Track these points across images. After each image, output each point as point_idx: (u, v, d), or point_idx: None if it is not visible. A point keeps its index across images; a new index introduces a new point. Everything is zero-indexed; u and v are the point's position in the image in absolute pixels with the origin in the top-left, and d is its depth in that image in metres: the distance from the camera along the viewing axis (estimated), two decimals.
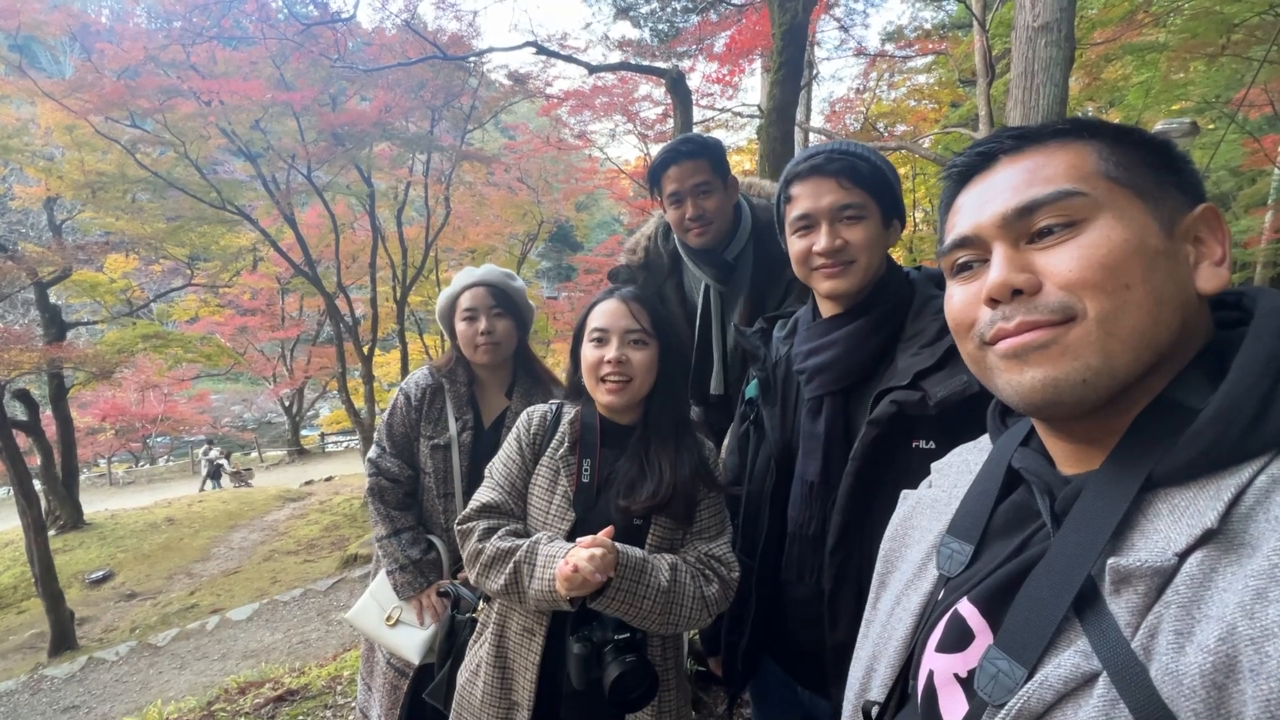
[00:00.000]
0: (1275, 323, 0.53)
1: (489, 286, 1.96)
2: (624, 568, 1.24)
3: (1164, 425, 0.54)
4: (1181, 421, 0.52)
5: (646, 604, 1.26)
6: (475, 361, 1.99)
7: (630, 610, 1.25)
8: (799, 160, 1.23)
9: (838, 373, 1.21)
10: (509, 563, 1.30)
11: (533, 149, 16.15)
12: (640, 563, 1.27)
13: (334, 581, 8.86)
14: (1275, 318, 0.54)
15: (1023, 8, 3.50)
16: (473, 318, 1.94)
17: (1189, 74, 8.83)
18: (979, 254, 0.62)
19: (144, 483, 20.85)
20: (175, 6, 10.93)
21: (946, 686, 0.62)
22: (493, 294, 1.96)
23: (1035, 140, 0.61)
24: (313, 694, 3.57)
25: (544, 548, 1.29)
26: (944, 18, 13.91)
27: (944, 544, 0.70)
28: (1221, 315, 0.59)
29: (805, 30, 4.74)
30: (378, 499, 1.97)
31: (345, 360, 14.33)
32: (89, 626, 9.21)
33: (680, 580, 1.30)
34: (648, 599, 1.26)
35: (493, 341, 1.94)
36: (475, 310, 1.94)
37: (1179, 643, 0.45)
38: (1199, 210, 0.58)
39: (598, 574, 1.17)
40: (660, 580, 1.28)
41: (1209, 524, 0.47)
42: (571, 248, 29.25)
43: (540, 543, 1.31)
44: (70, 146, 11.13)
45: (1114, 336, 0.54)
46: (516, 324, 2.00)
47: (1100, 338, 0.54)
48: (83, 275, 13.28)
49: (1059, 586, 0.53)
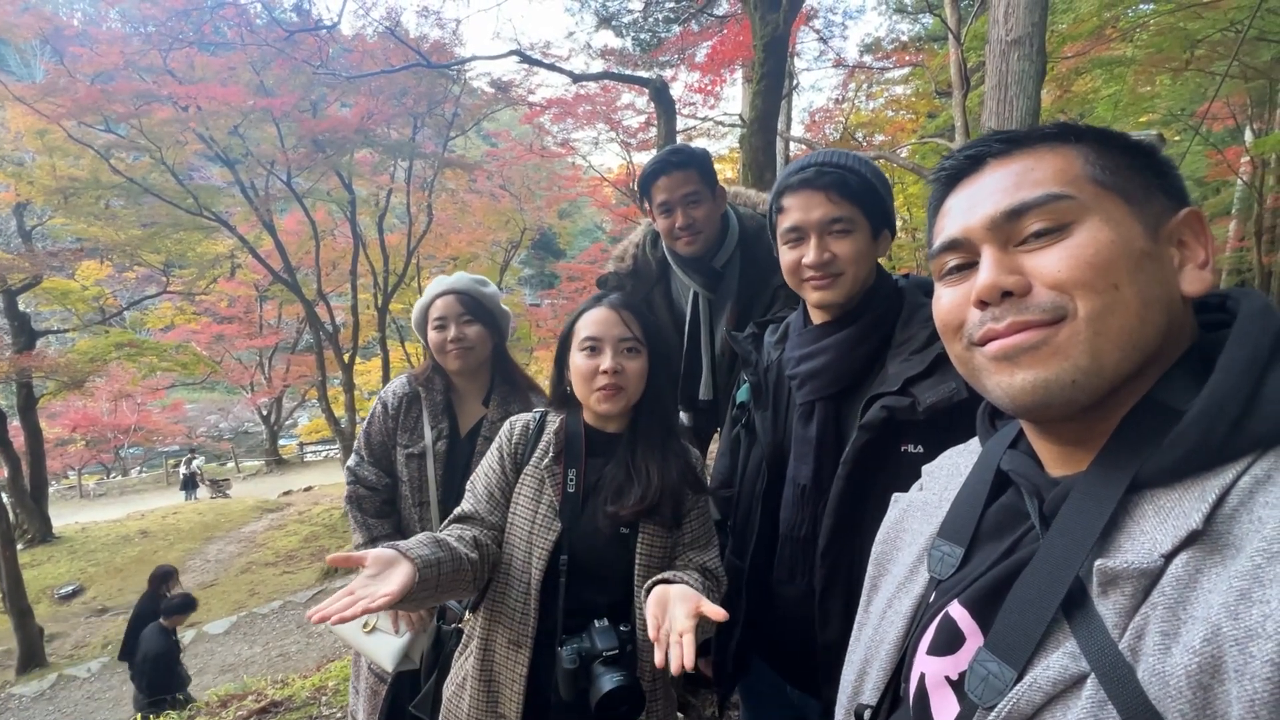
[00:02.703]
0: (1258, 324, 0.54)
1: (458, 294, 1.98)
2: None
3: (1150, 426, 0.54)
4: (1167, 423, 0.53)
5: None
6: (448, 368, 2.00)
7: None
8: (791, 172, 1.25)
9: (829, 378, 1.24)
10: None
11: (515, 156, 16.14)
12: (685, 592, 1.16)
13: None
14: (1258, 319, 0.54)
15: (996, 22, 3.60)
16: (442, 325, 1.95)
17: (1155, 88, 9.12)
18: (968, 256, 0.63)
19: (116, 494, 20.33)
20: (152, 11, 10.78)
21: (938, 689, 0.62)
22: (462, 301, 1.97)
23: (1023, 144, 0.62)
24: (296, 705, 3.52)
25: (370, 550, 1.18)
26: (920, 30, 14.17)
27: (935, 547, 0.71)
28: (1206, 317, 0.60)
29: (786, 42, 4.82)
30: (356, 507, 1.98)
31: (325, 368, 14.16)
32: (59, 643, 8.96)
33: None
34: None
35: (464, 347, 1.95)
36: (445, 319, 1.95)
37: (1165, 644, 0.45)
38: (1183, 214, 0.58)
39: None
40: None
41: (1194, 525, 0.48)
42: (554, 255, 29.22)
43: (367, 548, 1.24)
44: (41, 151, 10.91)
45: (1103, 336, 0.54)
46: (489, 330, 2.01)
47: (1089, 337, 0.54)
48: (54, 283, 12.97)
49: (1047, 588, 0.54)
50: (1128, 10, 8.09)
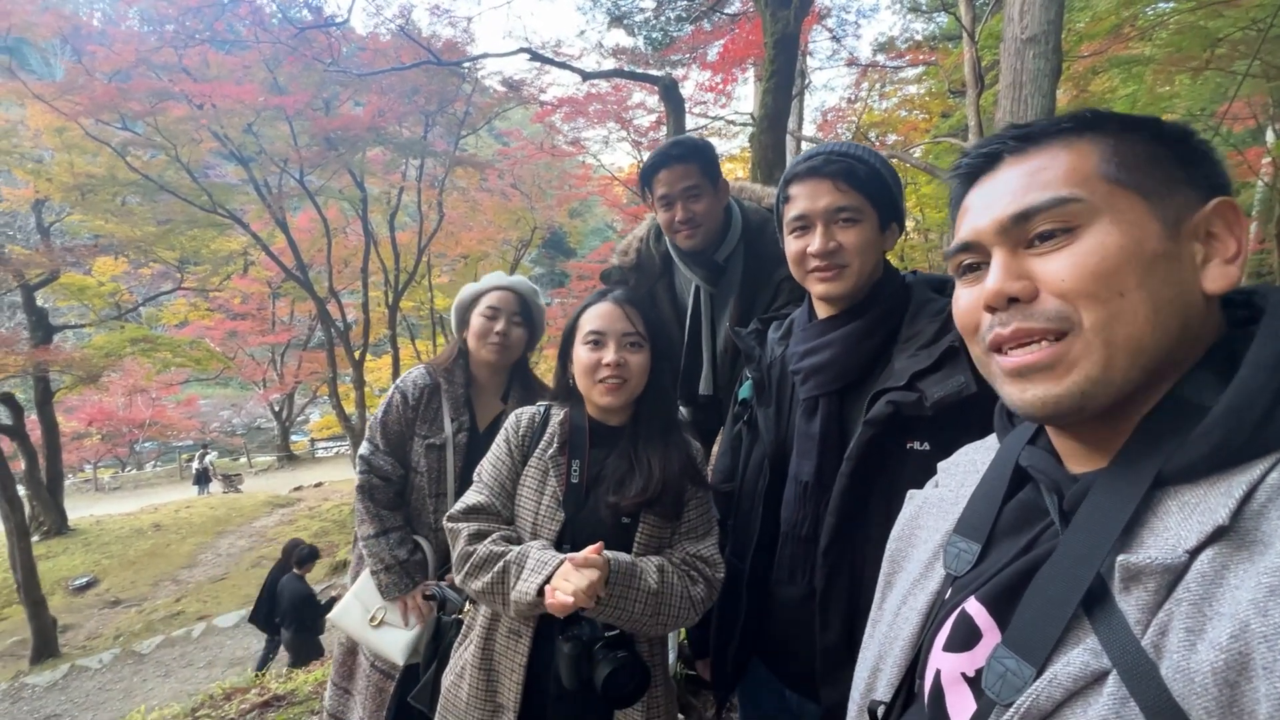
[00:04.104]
0: None
1: (518, 293, 2.01)
2: (615, 574, 1.24)
3: (1174, 423, 0.53)
4: (1191, 419, 0.52)
5: (637, 608, 1.26)
6: (480, 357, 2.00)
7: (621, 615, 1.25)
8: (799, 161, 1.23)
9: (834, 373, 1.22)
10: (496, 565, 1.30)
11: (526, 155, 16.19)
12: (630, 567, 1.27)
13: (322, 588, 8.78)
14: None
15: (1011, 20, 3.55)
16: (494, 316, 1.97)
17: (1174, 87, 8.98)
18: (981, 258, 0.63)
19: (130, 488, 20.62)
20: (168, 10, 10.92)
21: (954, 686, 0.62)
22: (519, 301, 2.00)
23: (1038, 140, 0.60)
24: (299, 699, 3.53)
25: (535, 554, 1.29)
26: (934, 29, 14.07)
27: (951, 543, 0.70)
28: (1231, 313, 0.58)
29: (797, 40, 4.79)
30: (367, 497, 1.95)
31: (336, 365, 14.26)
32: (72, 634, 9.08)
33: (668, 581, 1.31)
34: (638, 603, 1.26)
35: (506, 344, 1.97)
36: (498, 310, 1.97)
37: (1190, 640, 0.44)
38: (1212, 205, 0.56)
39: (591, 598, 1.17)
40: (649, 583, 1.28)
41: (1220, 521, 0.47)
42: (565, 254, 29.33)
43: (532, 549, 1.30)
44: (60, 149, 11.06)
45: (1110, 346, 0.54)
46: (530, 336, 2.06)
47: (1097, 348, 0.54)
48: (71, 278, 13.18)
49: (1068, 584, 0.53)
50: (1146, 9, 7.97)
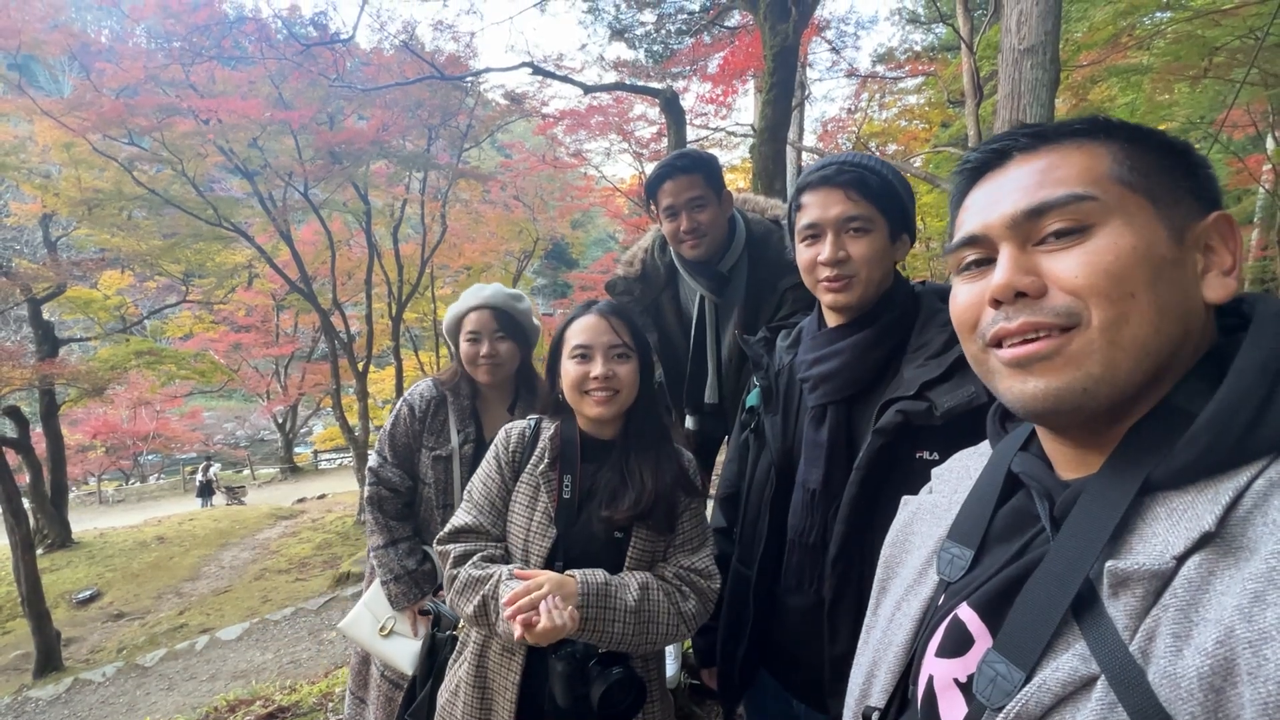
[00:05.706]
0: (1273, 328, 0.53)
1: (494, 310, 1.99)
2: (587, 595, 1.23)
3: (1162, 430, 0.54)
4: (1180, 426, 0.52)
5: (617, 626, 1.25)
6: (478, 380, 2.03)
7: (603, 635, 1.24)
8: (811, 170, 1.24)
9: (842, 381, 1.22)
10: (478, 594, 1.29)
11: (529, 167, 16.32)
12: (603, 586, 1.26)
13: (326, 600, 8.75)
14: (1273, 323, 0.53)
15: (1009, 31, 3.58)
16: (475, 339, 1.97)
17: (1173, 96, 9.02)
18: (986, 253, 0.62)
19: (134, 501, 20.60)
20: (175, 27, 11.04)
21: (946, 691, 0.62)
22: (497, 317, 1.99)
23: (1050, 140, 0.60)
24: (304, 711, 3.52)
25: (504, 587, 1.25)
26: (933, 40, 14.19)
27: (944, 549, 0.70)
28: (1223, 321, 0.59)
29: (796, 52, 4.83)
30: (376, 508, 1.97)
31: (340, 377, 14.29)
32: (75, 647, 9.05)
33: (652, 598, 1.29)
34: (618, 622, 1.25)
35: (495, 363, 1.98)
36: (479, 334, 1.97)
37: (1177, 646, 0.45)
38: (1211, 218, 0.57)
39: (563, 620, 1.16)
40: (628, 600, 1.26)
41: (1207, 527, 0.47)
42: (567, 265, 29.41)
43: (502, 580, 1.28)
44: (67, 164, 11.17)
45: (1116, 345, 0.54)
46: (520, 345, 2.04)
47: (1103, 346, 0.54)
48: (76, 292, 13.26)
49: (1057, 590, 0.53)
50: (1144, 18, 8.03)
